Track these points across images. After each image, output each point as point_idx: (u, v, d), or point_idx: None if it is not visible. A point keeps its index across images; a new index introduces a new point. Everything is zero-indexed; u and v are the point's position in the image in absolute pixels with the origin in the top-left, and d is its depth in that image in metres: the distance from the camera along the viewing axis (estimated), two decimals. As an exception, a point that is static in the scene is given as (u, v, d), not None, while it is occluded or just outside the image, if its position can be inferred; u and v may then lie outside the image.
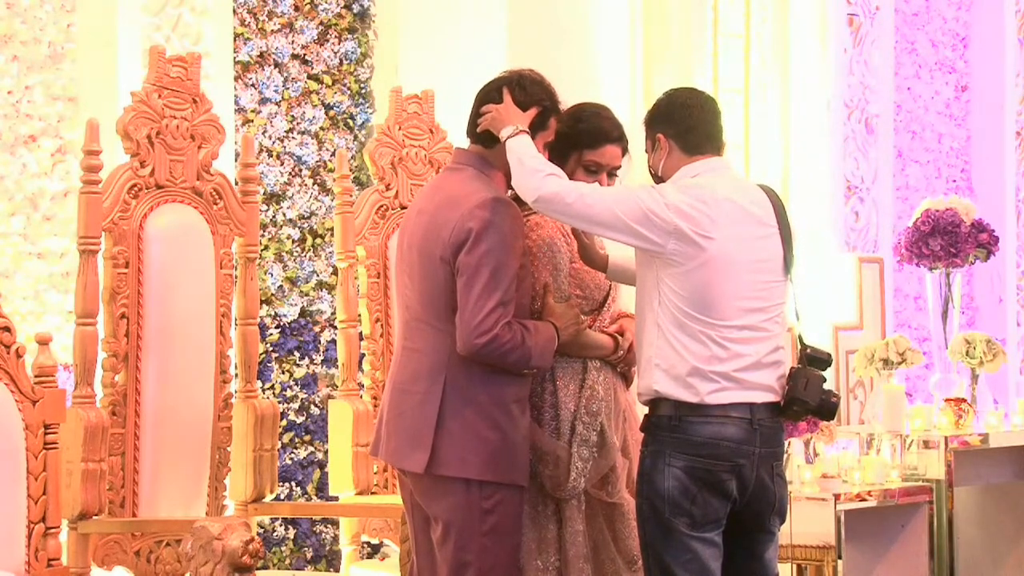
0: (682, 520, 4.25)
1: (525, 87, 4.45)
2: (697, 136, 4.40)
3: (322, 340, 7.13)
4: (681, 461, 4.26)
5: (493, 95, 4.47)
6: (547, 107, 4.46)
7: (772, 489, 4.35)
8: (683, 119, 4.43)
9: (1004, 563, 7.35)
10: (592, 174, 4.54)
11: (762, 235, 4.34)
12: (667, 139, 4.41)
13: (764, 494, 4.33)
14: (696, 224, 4.24)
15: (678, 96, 4.52)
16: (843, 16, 9.18)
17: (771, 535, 4.41)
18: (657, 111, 4.49)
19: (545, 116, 4.45)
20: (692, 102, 4.46)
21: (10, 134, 6.35)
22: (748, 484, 4.30)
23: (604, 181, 4.55)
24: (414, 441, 4.35)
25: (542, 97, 4.45)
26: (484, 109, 4.44)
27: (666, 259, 4.27)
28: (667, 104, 4.48)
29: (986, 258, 7.46)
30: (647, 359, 4.33)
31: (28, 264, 6.38)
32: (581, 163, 4.54)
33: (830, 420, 4.53)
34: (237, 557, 4.14)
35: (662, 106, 4.48)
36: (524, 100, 4.43)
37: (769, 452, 4.33)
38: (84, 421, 4.86)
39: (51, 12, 6.42)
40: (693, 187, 4.30)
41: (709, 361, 4.25)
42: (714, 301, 4.25)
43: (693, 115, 4.43)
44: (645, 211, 4.24)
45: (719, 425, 4.26)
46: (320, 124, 7.21)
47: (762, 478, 4.32)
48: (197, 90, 5.29)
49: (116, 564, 5.06)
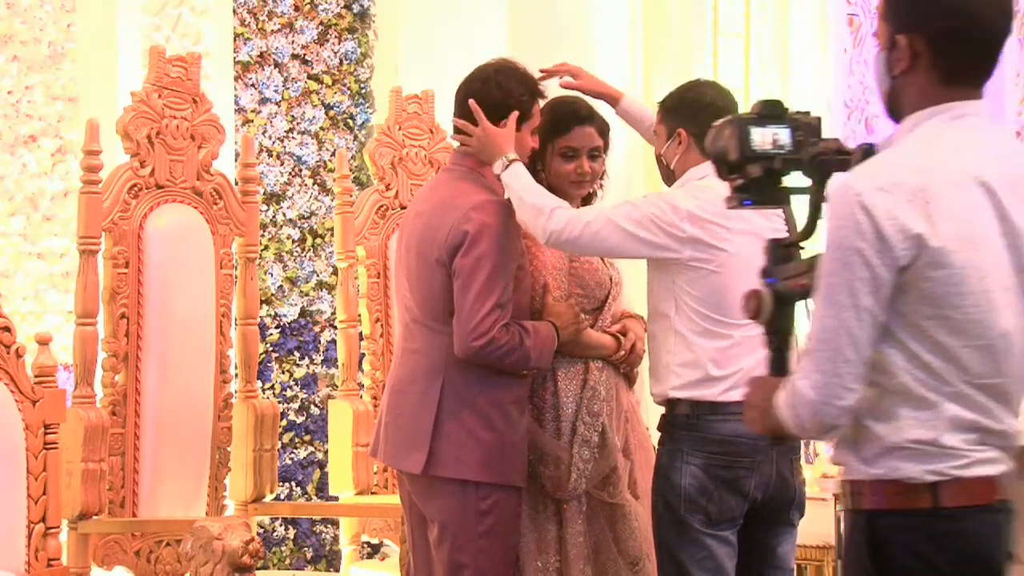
0: (697, 517, 4.25)
1: (501, 83, 4.40)
2: None
3: (322, 340, 7.13)
4: (699, 459, 4.25)
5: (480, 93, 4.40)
6: (525, 100, 4.41)
7: (792, 483, 4.35)
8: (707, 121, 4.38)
9: (1004, 563, 7.35)
10: (570, 159, 4.50)
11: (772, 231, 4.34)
12: (688, 136, 4.37)
13: (784, 489, 4.34)
14: (711, 228, 4.22)
15: (706, 94, 4.45)
16: (843, 16, 9.19)
17: (791, 528, 4.42)
18: (682, 103, 4.42)
19: (527, 107, 4.41)
20: (719, 104, 4.40)
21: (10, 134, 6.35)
22: (768, 480, 4.30)
23: (586, 165, 4.50)
24: (412, 442, 4.35)
25: (520, 92, 4.40)
26: (458, 126, 4.39)
27: (683, 265, 4.25)
28: (694, 100, 4.41)
29: (986, 258, 7.46)
30: (665, 365, 4.31)
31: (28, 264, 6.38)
32: (556, 151, 4.50)
33: None
34: (237, 557, 4.15)
35: (688, 100, 4.42)
36: (500, 97, 4.39)
37: (787, 446, 4.34)
38: (84, 421, 4.86)
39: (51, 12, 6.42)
40: (703, 190, 4.29)
41: (728, 362, 4.25)
42: (733, 302, 4.24)
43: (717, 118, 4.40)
44: (658, 224, 4.21)
45: (736, 423, 4.26)
46: (320, 124, 7.22)
47: (782, 472, 4.33)
48: (197, 90, 5.29)
49: (116, 564, 5.06)
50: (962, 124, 2.86)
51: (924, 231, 2.71)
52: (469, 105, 4.35)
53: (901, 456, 2.78)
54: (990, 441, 2.77)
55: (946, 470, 2.75)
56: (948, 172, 2.78)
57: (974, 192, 2.78)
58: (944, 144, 2.83)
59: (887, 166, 2.81)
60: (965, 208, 2.76)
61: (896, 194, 2.73)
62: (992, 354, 2.76)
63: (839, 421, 2.78)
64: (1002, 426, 2.79)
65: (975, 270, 2.74)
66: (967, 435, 2.75)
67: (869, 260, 2.72)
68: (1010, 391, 2.80)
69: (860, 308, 2.73)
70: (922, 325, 2.76)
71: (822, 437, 2.90)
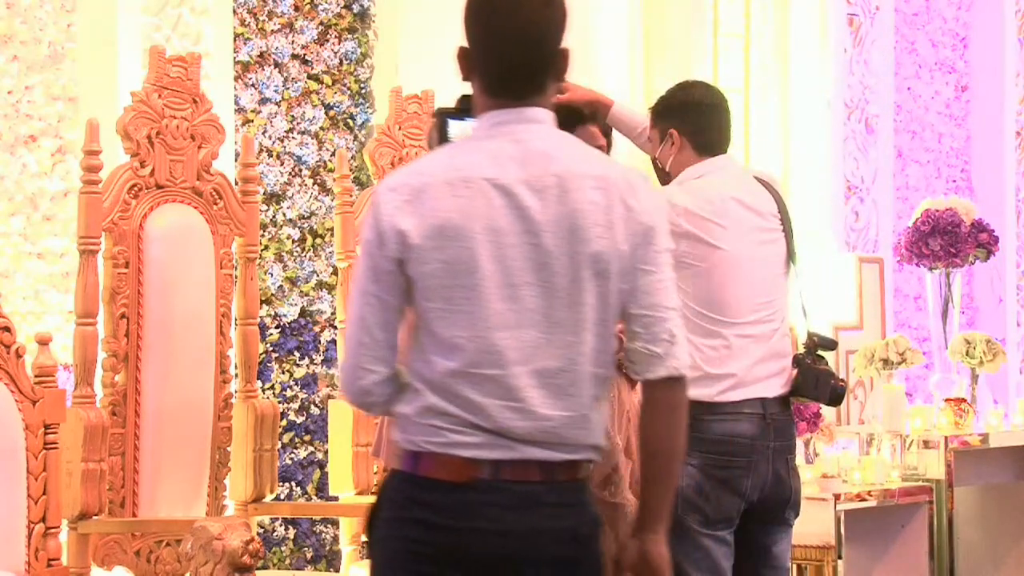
0: (695, 518, 4.25)
1: None
2: (710, 136, 4.38)
3: (322, 340, 7.13)
4: (696, 459, 4.26)
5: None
6: None
7: (788, 482, 4.36)
8: (698, 118, 4.39)
9: (1004, 563, 7.35)
10: None
11: (768, 231, 4.35)
12: (680, 135, 4.38)
13: (780, 488, 4.34)
14: (706, 225, 4.23)
15: (694, 92, 4.47)
16: (843, 16, 9.18)
17: (787, 527, 4.42)
18: (671, 105, 4.43)
19: None
20: (708, 100, 4.42)
21: (10, 134, 6.35)
22: (764, 480, 4.30)
23: None
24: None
25: None
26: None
27: (677, 262, 4.25)
28: (682, 100, 4.43)
29: (986, 258, 7.46)
30: None
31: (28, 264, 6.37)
32: None
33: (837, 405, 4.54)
34: (237, 557, 4.15)
35: (676, 101, 4.43)
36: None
37: (783, 445, 4.34)
38: (84, 421, 4.85)
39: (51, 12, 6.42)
40: (699, 188, 4.30)
41: (723, 361, 4.26)
42: (728, 300, 4.25)
43: (707, 115, 4.40)
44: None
45: (732, 422, 4.27)
46: (320, 124, 7.21)
47: (778, 472, 4.33)
48: (197, 90, 5.29)
49: (116, 564, 5.06)
50: (497, 131, 3.02)
51: (408, 228, 2.94)
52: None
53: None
54: (474, 426, 2.95)
55: (423, 443, 2.98)
56: (449, 173, 2.97)
57: (474, 190, 2.95)
58: (460, 149, 3.06)
59: (406, 169, 3.08)
60: (454, 205, 2.94)
61: (399, 193, 2.97)
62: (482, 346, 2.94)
63: (366, 399, 3.05)
64: (497, 416, 2.95)
65: (463, 264, 2.93)
66: (437, 420, 2.97)
67: (372, 252, 2.99)
68: (511, 384, 2.95)
69: (368, 294, 3.01)
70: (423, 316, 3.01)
71: (366, 411, 3.19)
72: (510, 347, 2.95)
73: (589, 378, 3.03)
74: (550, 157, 3.00)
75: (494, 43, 3.03)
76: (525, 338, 2.95)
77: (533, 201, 2.96)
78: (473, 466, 2.95)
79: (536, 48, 3.01)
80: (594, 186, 2.99)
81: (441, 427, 2.96)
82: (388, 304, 3.00)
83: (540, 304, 2.96)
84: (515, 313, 2.95)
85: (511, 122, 3.01)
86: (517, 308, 2.95)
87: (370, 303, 3.01)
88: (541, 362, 2.97)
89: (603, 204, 2.98)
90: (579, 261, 2.97)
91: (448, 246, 2.94)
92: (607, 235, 2.98)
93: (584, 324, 3.00)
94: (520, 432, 2.96)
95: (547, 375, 2.97)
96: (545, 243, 2.95)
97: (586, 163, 3.03)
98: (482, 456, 2.95)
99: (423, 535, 2.96)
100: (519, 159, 2.98)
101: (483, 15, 3.03)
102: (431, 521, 2.95)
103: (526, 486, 2.97)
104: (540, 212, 2.95)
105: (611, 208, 2.98)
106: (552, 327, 2.97)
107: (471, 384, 2.96)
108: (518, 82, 3.02)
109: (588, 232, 2.97)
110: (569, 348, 2.99)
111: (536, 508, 2.97)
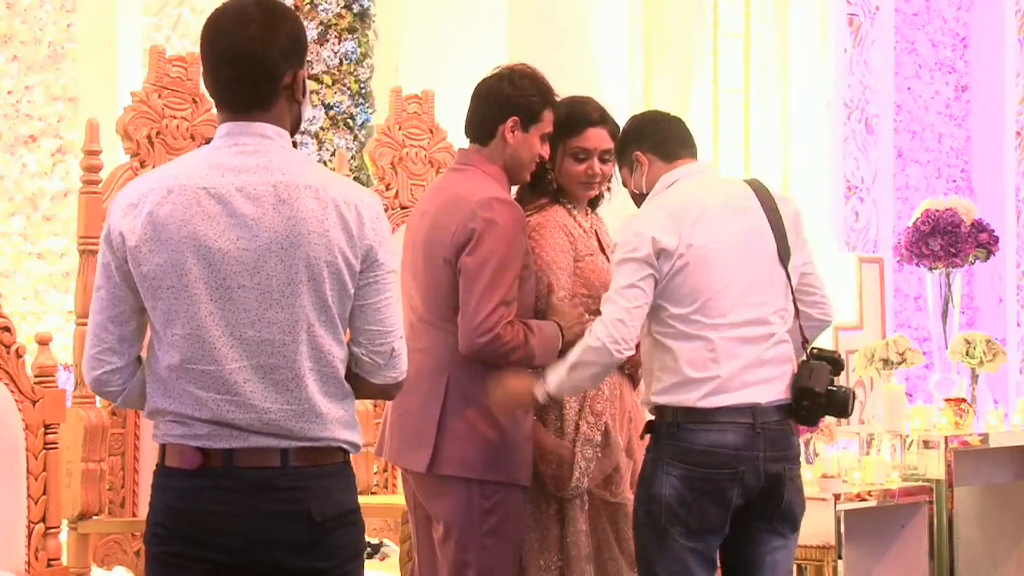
0: (677, 528, 4.22)
1: (514, 80, 4.43)
2: (672, 143, 4.41)
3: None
4: (678, 470, 4.22)
5: (493, 89, 4.44)
6: (535, 100, 4.44)
7: (780, 492, 4.27)
8: (655, 131, 4.45)
9: (1004, 563, 7.35)
10: (581, 161, 4.53)
11: (748, 230, 4.31)
12: (644, 153, 4.41)
13: (771, 499, 4.26)
14: (673, 232, 4.21)
15: (645, 114, 4.63)
16: (843, 16, 9.19)
17: (780, 538, 4.33)
18: (626, 135, 4.50)
19: (536, 107, 4.43)
20: (658, 116, 4.56)
21: (10, 134, 6.35)
22: (753, 489, 4.23)
23: (596, 167, 4.54)
24: (416, 440, 4.35)
25: (530, 91, 4.43)
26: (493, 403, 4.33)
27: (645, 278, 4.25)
28: (634, 125, 4.51)
29: (986, 258, 7.46)
30: (648, 370, 4.31)
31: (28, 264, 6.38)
32: (568, 152, 4.54)
33: (846, 416, 4.42)
34: (237, 557, 4.14)
35: (629, 129, 4.51)
36: (511, 93, 4.42)
37: (777, 455, 4.23)
38: (84, 421, 4.86)
39: (51, 12, 6.43)
40: (667, 196, 4.31)
41: (707, 365, 4.21)
42: (708, 302, 4.22)
43: (662, 126, 4.47)
44: (634, 260, 4.20)
45: (718, 432, 4.20)
46: (320, 124, 7.22)
47: (772, 483, 4.25)
48: (197, 90, 5.29)
49: (116, 564, 5.06)
50: (223, 142, 3.26)
51: (127, 231, 3.19)
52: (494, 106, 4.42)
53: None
54: (199, 419, 3.18)
55: (165, 436, 3.24)
56: (168, 180, 3.22)
57: (189, 197, 3.17)
58: (187, 158, 3.33)
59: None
60: (168, 211, 3.17)
61: (126, 197, 3.23)
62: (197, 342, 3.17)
63: (103, 388, 3.29)
64: (216, 408, 3.18)
65: (174, 267, 3.16)
66: (169, 414, 3.20)
67: (103, 251, 3.24)
68: (228, 379, 3.17)
69: (100, 289, 3.24)
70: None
71: (110, 400, 3.37)
72: (225, 344, 3.17)
73: (312, 375, 3.20)
74: (270, 168, 3.20)
75: (214, 62, 3.26)
76: (243, 336, 3.17)
77: (249, 208, 3.17)
78: (204, 455, 3.18)
79: (251, 67, 3.22)
80: (312, 196, 3.19)
81: (174, 420, 3.20)
82: (119, 299, 3.23)
83: (255, 305, 3.17)
84: (230, 313, 3.17)
85: (236, 134, 3.23)
86: (232, 308, 3.17)
87: (101, 298, 3.24)
88: (260, 359, 3.17)
89: (319, 214, 3.18)
90: (294, 266, 3.17)
91: (160, 249, 3.17)
92: (321, 242, 3.18)
93: (299, 325, 3.18)
94: (243, 423, 3.18)
95: (267, 371, 3.18)
96: (259, 247, 3.16)
97: (307, 175, 3.22)
98: (213, 446, 3.18)
99: (165, 520, 3.21)
100: (237, 168, 3.20)
101: (208, 36, 3.24)
102: (173, 506, 3.20)
103: (260, 472, 3.18)
104: (255, 219, 3.17)
105: (326, 219, 3.18)
106: (268, 327, 3.17)
107: (190, 379, 3.18)
108: (236, 98, 3.24)
109: (303, 239, 3.17)
110: (285, 347, 3.18)
111: (267, 492, 3.18)
